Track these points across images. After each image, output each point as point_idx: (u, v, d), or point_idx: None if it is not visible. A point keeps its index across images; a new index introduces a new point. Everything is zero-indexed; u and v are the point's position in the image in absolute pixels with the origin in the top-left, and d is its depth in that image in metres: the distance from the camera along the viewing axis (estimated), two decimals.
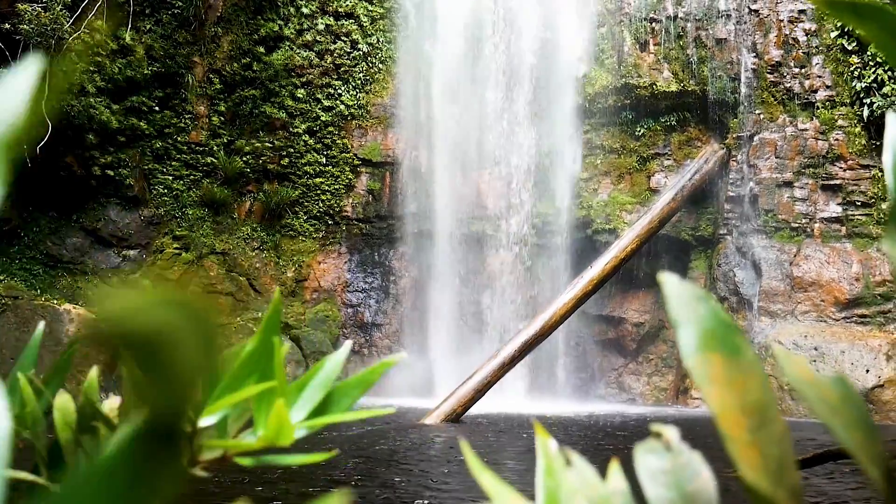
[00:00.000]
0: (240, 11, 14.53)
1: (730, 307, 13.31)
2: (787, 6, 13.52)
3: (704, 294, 0.41)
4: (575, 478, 0.43)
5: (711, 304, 0.41)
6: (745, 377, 0.38)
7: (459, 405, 10.16)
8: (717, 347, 0.40)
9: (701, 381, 0.39)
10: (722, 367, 0.39)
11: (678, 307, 0.40)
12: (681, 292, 0.41)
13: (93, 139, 13.03)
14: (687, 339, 0.41)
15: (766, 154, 13.33)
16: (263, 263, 14.71)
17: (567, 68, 14.08)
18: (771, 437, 0.37)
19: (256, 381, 0.61)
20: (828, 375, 0.42)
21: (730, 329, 0.40)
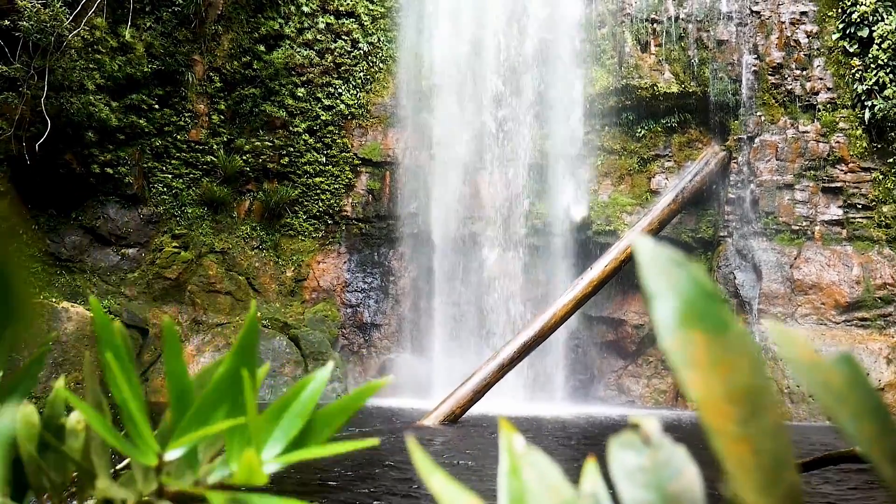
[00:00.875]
0: (240, 9, 14.48)
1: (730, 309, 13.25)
2: (788, 8, 13.47)
3: (684, 259, 0.36)
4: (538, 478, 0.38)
5: (693, 272, 0.35)
6: (732, 357, 0.33)
7: (458, 406, 10.12)
8: (700, 323, 0.34)
9: (679, 363, 0.33)
10: (705, 347, 0.34)
11: (653, 275, 0.35)
12: (656, 257, 0.35)
13: (92, 137, 12.98)
14: (663, 313, 0.36)
15: (766, 156, 13.28)
16: (263, 263, 14.66)
17: (568, 69, 14.03)
18: (764, 430, 0.32)
19: (229, 410, 0.56)
20: (831, 355, 0.36)
21: (714, 301, 0.35)
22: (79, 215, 13.75)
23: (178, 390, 0.56)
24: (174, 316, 13.62)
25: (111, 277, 13.74)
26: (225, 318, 13.81)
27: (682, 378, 0.33)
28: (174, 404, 0.55)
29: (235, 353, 0.55)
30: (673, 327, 0.34)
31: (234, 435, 0.55)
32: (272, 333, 13.38)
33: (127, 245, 14.00)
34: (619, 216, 13.89)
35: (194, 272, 14.08)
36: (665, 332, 0.34)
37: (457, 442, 7.91)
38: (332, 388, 13.09)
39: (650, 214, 13.00)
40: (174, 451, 0.54)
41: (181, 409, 0.55)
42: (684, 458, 0.36)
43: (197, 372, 0.61)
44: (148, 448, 0.55)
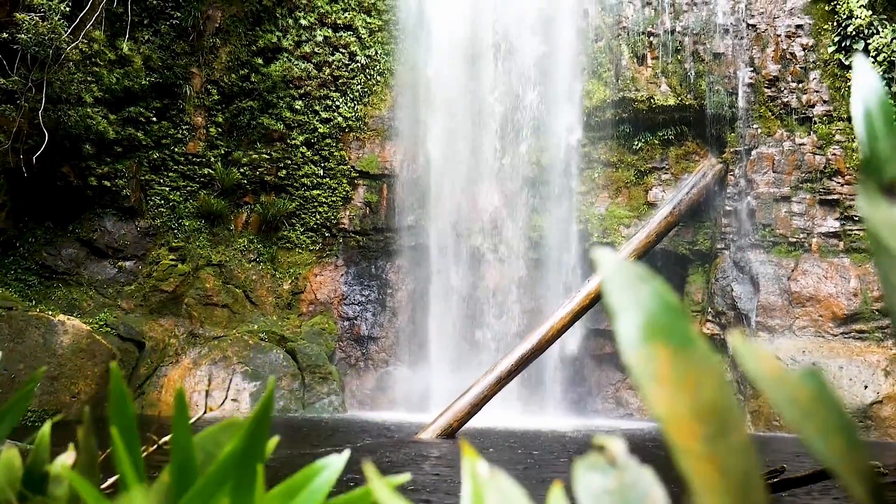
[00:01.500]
0: (238, 23, 14.53)
1: (727, 322, 13.24)
2: (784, 21, 13.53)
3: (647, 273, 0.35)
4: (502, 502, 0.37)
5: (656, 286, 0.34)
6: (697, 374, 0.32)
7: (455, 420, 10.07)
8: (663, 337, 0.33)
9: (643, 379, 0.32)
10: (669, 362, 0.33)
11: (617, 290, 0.34)
12: (619, 271, 0.34)
13: (89, 149, 12.99)
14: (626, 328, 0.34)
15: (763, 168, 13.30)
16: (260, 275, 14.63)
17: (565, 82, 14.07)
18: (731, 449, 0.30)
19: (233, 490, 0.52)
20: (797, 370, 0.35)
21: (678, 315, 0.34)
22: (76, 228, 13.73)
23: (182, 463, 0.54)
24: (170, 328, 13.59)
25: (108, 290, 13.71)
26: (222, 332, 13.76)
27: (646, 394, 0.32)
28: (175, 477, 0.53)
29: (248, 431, 0.52)
30: (636, 342, 0.33)
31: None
32: (269, 346, 13.34)
33: (124, 258, 13.98)
34: (617, 228, 13.90)
35: (191, 285, 14.05)
36: (628, 346, 0.33)
37: (453, 456, 7.86)
38: (329, 401, 13.04)
39: (647, 227, 13.00)
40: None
41: (183, 478, 0.53)
42: (651, 481, 0.34)
43: (202, 433, 0.58)
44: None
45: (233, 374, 12.72)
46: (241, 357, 12.98)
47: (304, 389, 13.06)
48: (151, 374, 12.89)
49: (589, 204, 14.21)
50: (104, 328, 12.54)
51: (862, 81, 0.43)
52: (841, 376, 11.66)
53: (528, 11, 14.20)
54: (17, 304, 11.49)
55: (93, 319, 12.61)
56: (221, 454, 0.53)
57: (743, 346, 0.34)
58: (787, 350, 12.21)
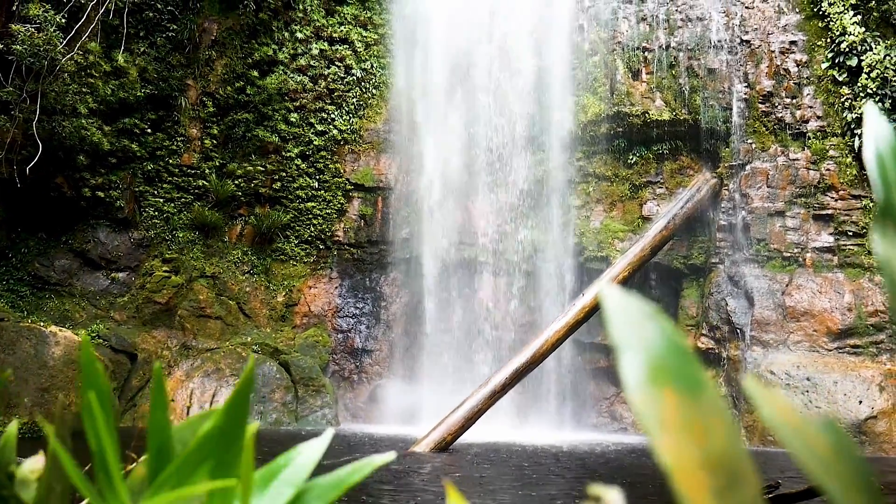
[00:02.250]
0: (234, 35, 14.55)
1: (722, 336, 13.24)
2: (778, 37, 13.61)
3: (654, 311, 0.33)
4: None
5: (663, 325, 0.32)
6: (706, 421, 0.30)
7: (449, 433, 10.02)
8: (671, 381, 0.31)
9: (649, 425, 0.30)
10: (677, 408, 0.31)
11: (621, 327, 0.32)
12: (624, 308, 0.32)
13: (84, 160, 12.96)
14: (631, 369, 0.33)
15: (757, 183, 13.34)
16: (254, 287, 14.58)
17: (559, 96, 14.12)
18: (743, 502, 0.28)
19: (213, 469, 0.50)
20: (815, 419, 0.33)
21: (686, 358, 0.32)
22: (69, 239, 13.68)
23: (159, 443, 0.52)
24: (163, 340, 13.51)
25: (100, 301, 13.64)
26: (215, 344, 13.70)
27: (652, 441, 0.30)
28: (152, 458, 0.50)
29: (227, 409, 0.50)
30: (642, 384, 0.31)
31: (214, 499, 0.50)
32: (262, 359, 13.28)
33: (117, 269, 13.92)
34: (611, 242, 13.90)
35: (184, 297, 13.99)
36: (633, 388, 0.31)
37: (445, 470, 7.81)
38: (323, 414, 12.97)
39: (642, 241, 13.01)
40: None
41: (160, 464, 0.50)
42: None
43: (181, 423, 0.56)
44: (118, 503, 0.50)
45: (225, 387, 12.64)
46: (234, 369, 12.91)
47: (298, 402, 12.99)
48: (144, 386, 12.81)
49: (584, 217, 14.22)
50: (96, 340, 12.47)
51: (873, 129, 0.42)
52: (835, 391, 11.64)
53: (523, 25, 14.26)
54: (8, 316, 11.42)
55: (85, 331, 12.53)
56: (199, 433, 0.51)
57: (759, 393, 0.32)
58: (782, 365, 12.20)
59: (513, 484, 6.96)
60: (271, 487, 0.53)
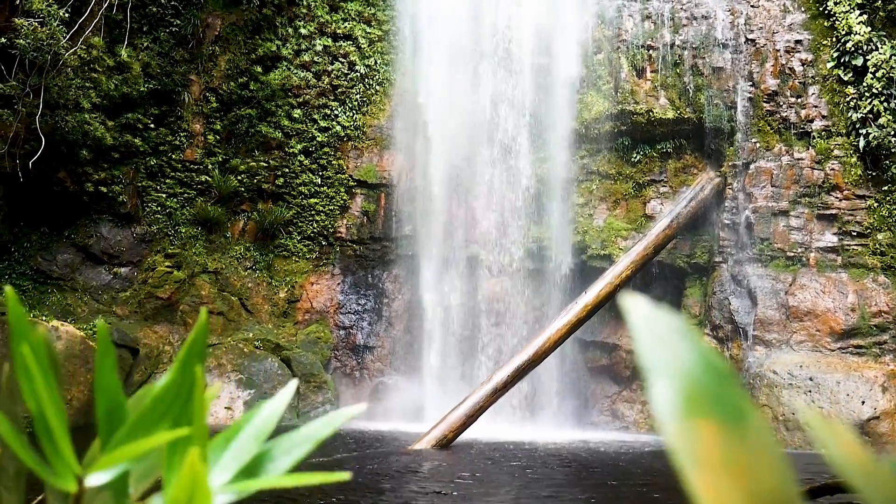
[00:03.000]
0: (238, 31, 14.53)
1: (725, 335, 13.21)
2: (783, 36, 13.56)
3: (687, 327, 0.29)
4: None
5: (698, 343, 0.28)
6: (751, 456, 0.26)
7: (450, 431, 10.01)
8: (709, 410, 0.27)
9: (684, 460, 0.26)
10: (716, 441, 0.27)
11: (650, 346, 0.28)
12: (653, 324, 0.28)
13: (86, 155, 12.95)
14: (663, 396, 0.28)
15: (761, 182, 13.30)
16: (256, 283, 14.57)
17: (563, 93, 14.08)
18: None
19: (169, 427, 0.47)
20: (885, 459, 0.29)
21: (726, 382, 0.28)
22: (71, 233, 13.67)
23: (109, 406, 0.48)
24: (165, 335, 13.51)
25: (103, 296, 13.64)
26: (216, 339, 13.69)
27: (688, 479, 0.26)
28: (103, 423, 0.47)
29: (181, 363, 0.47)
30: (676, 414, 0.27)
31: (174, 455, 0.46)
32: (264, 355, 13.27)
33: (119, 264, 13.92)
34: (615, 241, 13.87)
35: (186, 292, 13.99)
36: (666, 420, 0.27)
37: (446, 468, 7.80)
38: (324, 410, 12.96)
39: (645, 239, 12.98)
40: (98, 474, 0.45)
41: (111, 428, 0.47)
42: None
43: (138, 392, 0.54)
44: (66, 470, 0.46)
45: (227, 382, 12.64)
46: (236, 365, 12.91)
47: (299, 398, 12.99)
48: (145, 380, 12.81)
49: (587, 216, 14.19)
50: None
51: None
52: (838, 391, 11.62)
53: (527, 22, 14.22)
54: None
55: (87, 325, 12.53)
56: (153, 390, 0.48)
57: (824, 428, 0.28)
58: (785, 364, 12.17)
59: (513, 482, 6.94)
60: (234, 444, 0.49)
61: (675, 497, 5.79)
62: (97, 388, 0.49)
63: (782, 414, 11.70)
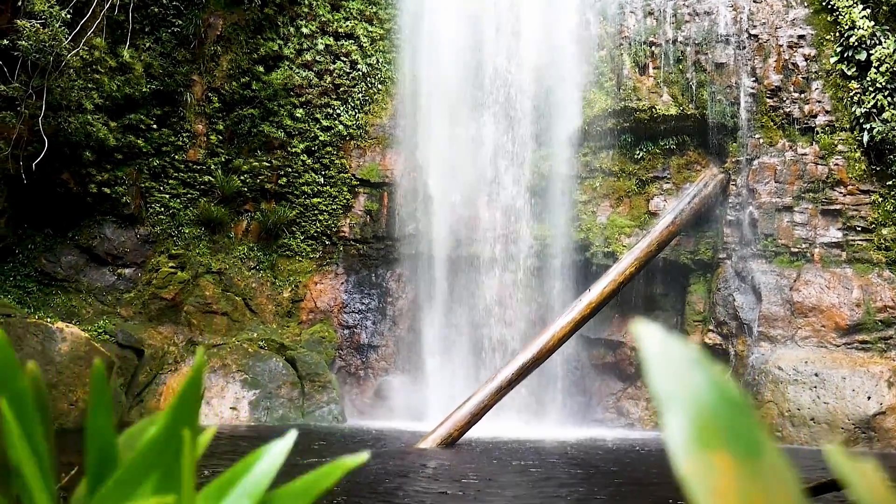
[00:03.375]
0: (240, 31, 14.52)
1: (729, 332, 13.18)
2: (786, 31, 13.51)
3: (701, 357, 0.28)
4: None
5: (713, 374, 0.27)
6: (767, 491, 0.26)
7: (455, 429, 10.00)
8: (725, 442, 0.27)
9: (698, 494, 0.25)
10: (732, 475, 0.26)
11: (663, 376, 0.27)
12: (666, 353, 0.28)
13: (90, 156, 12.95)
14: (677, 427, 0.27)
15: (765, 178, 13.26)
16: (259, 283, 14.58)
17: (566, 91, 14.05)
18: None
19: (159, 480, 0.45)
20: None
21: (743, 413, 0.27)
22: (75, 235, 13.69)
23: (100, 447, 0.46)
24: (169, 336, 13.53)
25: (107, 297, 13.66)
26: (221, 339, 13.70)
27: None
28: (92, 468, 0.46)
29: (173, 410, 0.45)
30: (690, 447, 0.26)
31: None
32: (268, 355, 13.28)
33: (123, 265, 13.93)
34: (618, 238, 13.85)
35: (191, 292, 14.00)
36: (679, 452, 0.26)
37: (451, 467, 7.79)
38: (329, 410, 12.97)
39: (649, 236, 12.95)
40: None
41: (101, 474, 0.46)
42: None
43: (128, 430, 0.52)
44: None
45: (232, 383, 12.65)
46: (241, 365, 12.92)
47: (304, 398, 12.99)
48: (150, 381, 12.82)
49: (590, 213, 14.16)
50: (103, 336, 12.48)
51: None
52: (844, 387, 11.59)
53: (529, 20, 14.19)
54: (15, 312, 11.43)
55: (91, 327, 12.55)
56: (143, 438, 0.46)
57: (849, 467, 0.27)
58: (790, 360, 12.14)
59: (518, 480, 6.94)
60: (226, 500, 0.46)
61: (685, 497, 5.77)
62: (89, 429, 0.47)
63: (787, 410, 11.68)
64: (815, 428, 11.44)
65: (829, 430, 11.35)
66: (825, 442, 11.35)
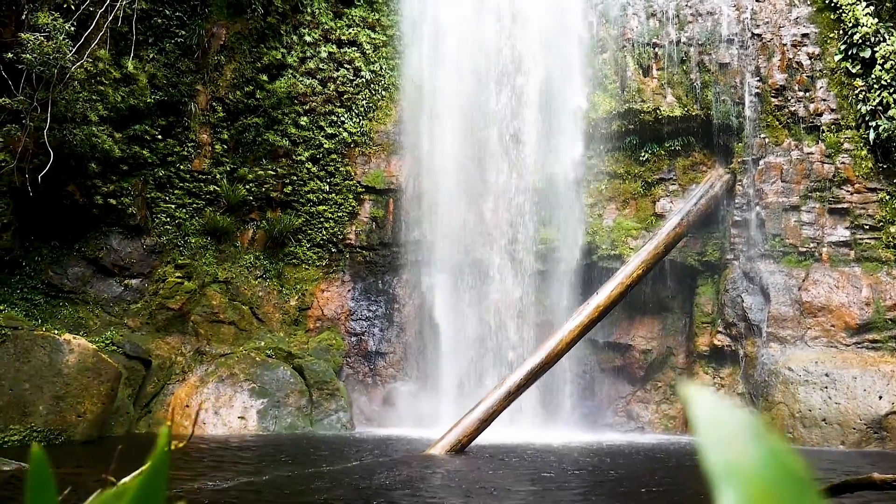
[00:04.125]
0: (243, 40, 14.55)
1: (738, 333, 13.10)
2: (789, 30, 13.47)
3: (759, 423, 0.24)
4: None
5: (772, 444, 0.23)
6: None
7: (465, 435, 9.96)
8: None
9: None
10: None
11: (717, 447, 0.23)
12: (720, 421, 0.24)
13: (95, 168, 12.98)
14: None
15: (771, 178, 13.20)
16: (266, 292, 14.57)
17: (571, 94, 14.02)
18: None
19: None
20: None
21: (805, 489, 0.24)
22: (82, 246, 13.70)
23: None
24: (177, 346, 13.53)
25: (114, 308, 13.67)
26: (228, 349, 13.70)
27: None
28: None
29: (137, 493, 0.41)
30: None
31: None
32: (276, 363, 13.26)
33: (130, 276, 13.93)
34: (625, 240, 13.80)
35: (197, 302, 13.99)
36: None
37: (461, 474, 7.74)
38: (338, 418, 12.94)
39: (656, 238, 12.90)
40: None
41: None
42: None
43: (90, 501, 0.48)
44: None
45: (240, 392, 12.63)
46: (248, 374, 12.90)
47: (312, 406, 12.96)
48: (158, 392, 12.82)
49: (597, 216, 14.12)
50: (110, 347, 12.48)
51: None
52: (855, 386, 11.50)
53: (532, 23, 14.18)
54: (22, 324, 11.43)
55: (99, 338, 12.55)
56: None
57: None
58: (800, 361, 12.06)
59: (529, 487, 6.89)
60: None
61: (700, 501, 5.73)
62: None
63: (798, 411, 11.59)
64: (827, 429, 11.35)
65: (840, 431, 11.26)
66: (838, 443, 11.26)
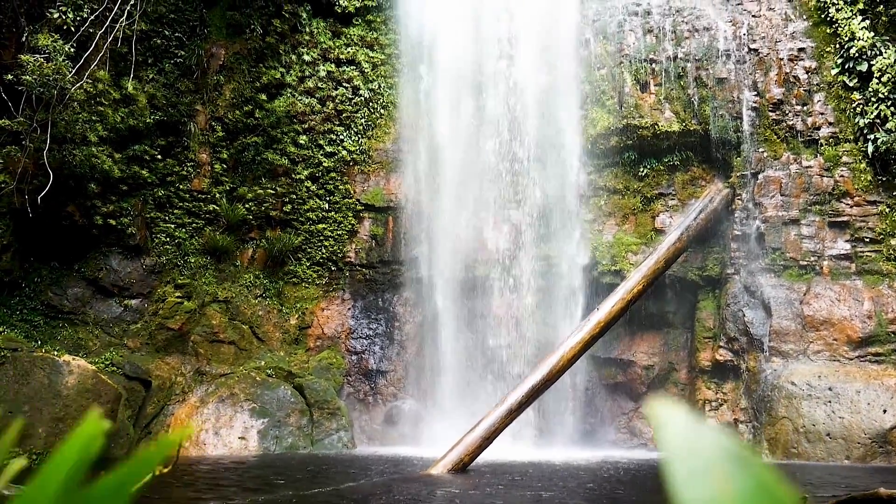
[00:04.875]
0: (242, 59, 14.62)
1: (740, 348, 13.04)
2: (786, 45, 13.53)
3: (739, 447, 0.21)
4: None
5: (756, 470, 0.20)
6: None
7: (466, 454, 9.89)
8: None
9: None
10: None
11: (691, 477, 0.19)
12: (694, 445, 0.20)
13: (94, 188, 12.99)
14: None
15: (771, 192, 13.20)
16: (266, 311, 14.53)
17: (568, 111, 14.06)
18: None
19: None
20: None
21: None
22: (81, 267, 13.68)
23: None
24: (177, 366, 13.47)
25: (114, 329, 13.62)
26: (229, 369, 13.64)
27: None
28: None
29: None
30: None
31: None
32: (276, 383, 13.19)
33: (129, 296, 13.90)
34: (625, 256, 13.78)
35: (197, 322, 13.95)
36: None
37: (462, 494, 7.67)
38: (339, 437, 12.86)
39: (655, 253, 12.88)
40: None
41: None
42: None
43: None
44: None
45: (240, 412, 12.56)
46: (249, 394, 12.84)
47: (313, 426, 12.89)
48: (158, 412, 12.74)
49: (596, 231, 14.11)
50: (110, 368, 12.43)
51: None
52: (858, 400, 11.43)
53: (529, 41, 14.25)
54: (22, 346, 11.40)
55: (98, 359, 12.50)
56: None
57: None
58: (803, 375, 12.00)
59: None
60: None
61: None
62: None
63: (802, 426, 11.51)
64: (831, 443, 11.27)
65: (845, 446, 11.18)
66: (842, 458, 11.17)
